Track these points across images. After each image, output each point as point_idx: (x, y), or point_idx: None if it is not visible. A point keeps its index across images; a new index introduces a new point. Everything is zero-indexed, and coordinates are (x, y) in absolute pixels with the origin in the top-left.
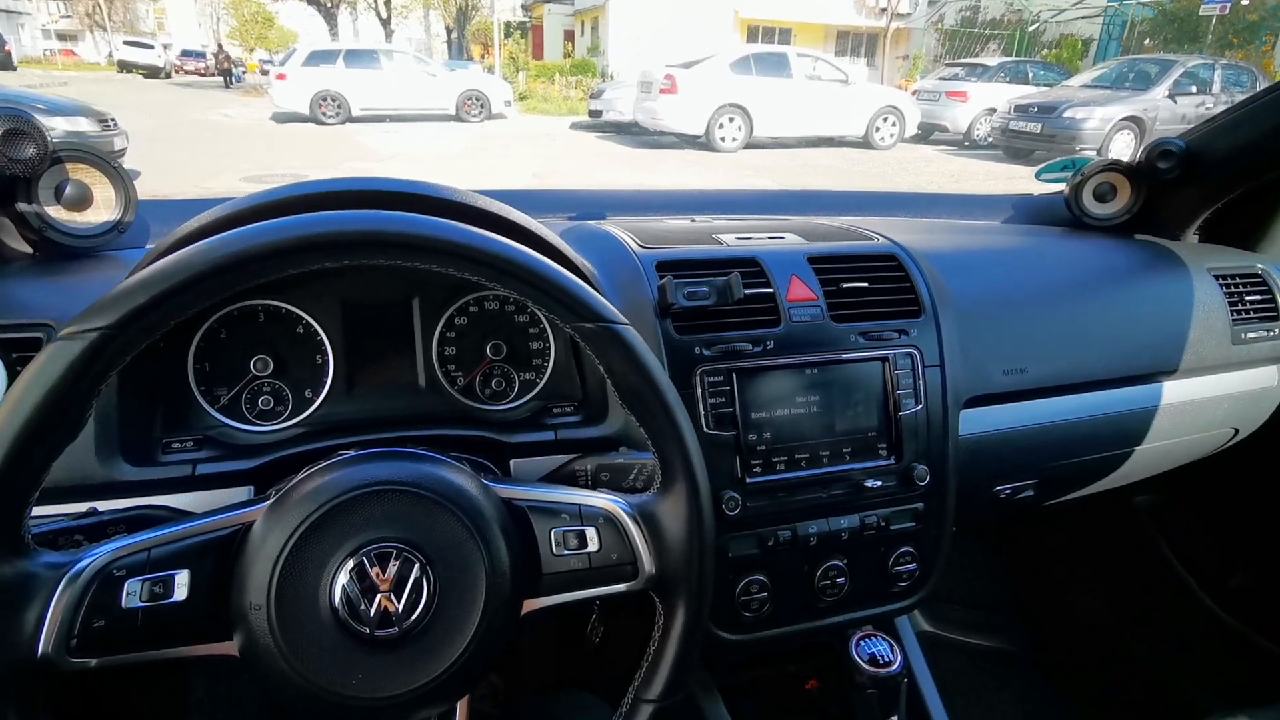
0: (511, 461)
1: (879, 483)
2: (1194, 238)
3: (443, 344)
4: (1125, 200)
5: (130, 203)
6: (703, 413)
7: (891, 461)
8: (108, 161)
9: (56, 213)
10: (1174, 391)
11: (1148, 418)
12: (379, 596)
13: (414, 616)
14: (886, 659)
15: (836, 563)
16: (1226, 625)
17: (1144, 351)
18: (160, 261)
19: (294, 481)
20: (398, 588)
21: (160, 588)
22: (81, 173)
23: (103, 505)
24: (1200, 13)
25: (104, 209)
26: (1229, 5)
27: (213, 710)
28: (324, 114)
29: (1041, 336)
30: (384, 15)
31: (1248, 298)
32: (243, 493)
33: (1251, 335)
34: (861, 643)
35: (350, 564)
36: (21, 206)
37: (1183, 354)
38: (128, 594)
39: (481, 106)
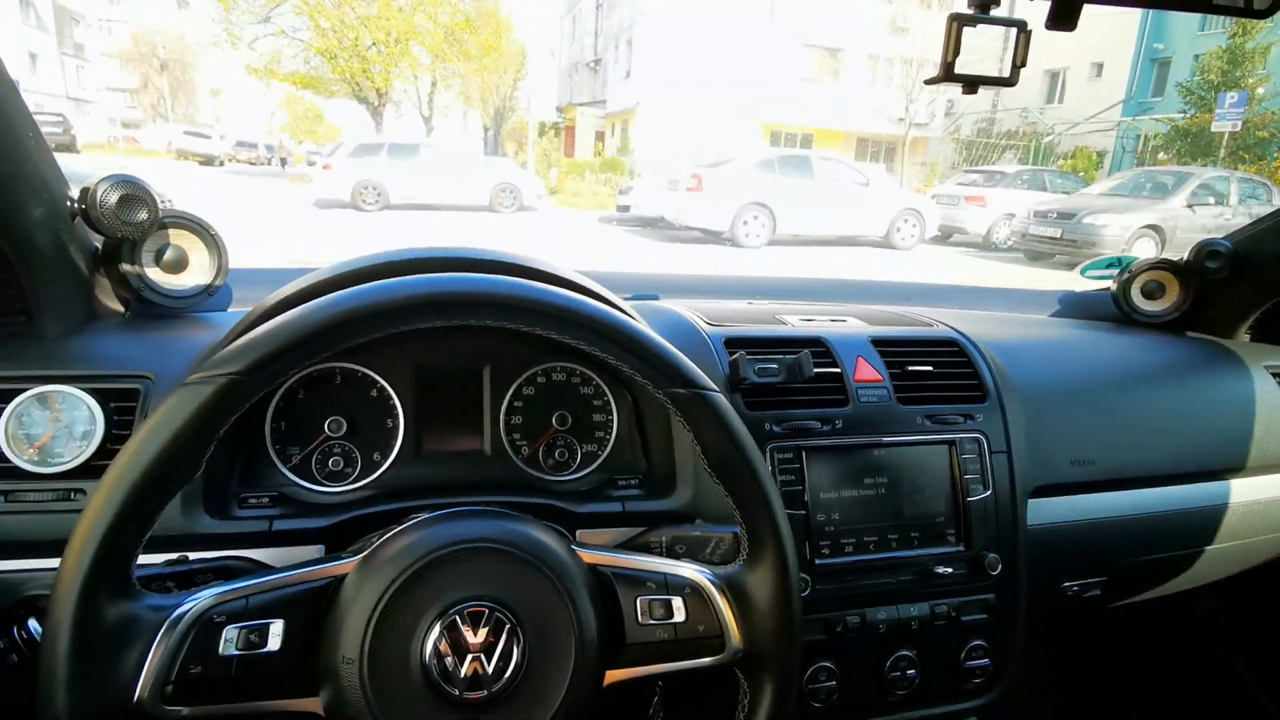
0: (578, 533)
1: (949, 569)
2: (1245, 336)
3: (510, 413)
4: (1174, 298)
5: (222, 268)
6: None
7: (961, 548)
8: (206, 228)
9: (154, 274)
10: (1243, 490)
11: (1217, 516)
12: (470, 658)
13: (503, 680)
14: None
15: (907, 653)
16: None
17: (1211, 447)
18: (284, 316)
19: (385, 537)
20: (488, 649)
21: (256, 636)
22: (181, 237)
23: (190, 555)
24: (1212, 129)
25: (197, 272)
26: (1240, 122)
27: None
28: (364, 201)
29: (1106, 428)
30: (426, 113)
31: None
32: (314, 550)
33: None
34: None
35: (443, 622)
36: (124, 267)
37: (1249, 451)
38: (225, 640)
39: (514, 199)
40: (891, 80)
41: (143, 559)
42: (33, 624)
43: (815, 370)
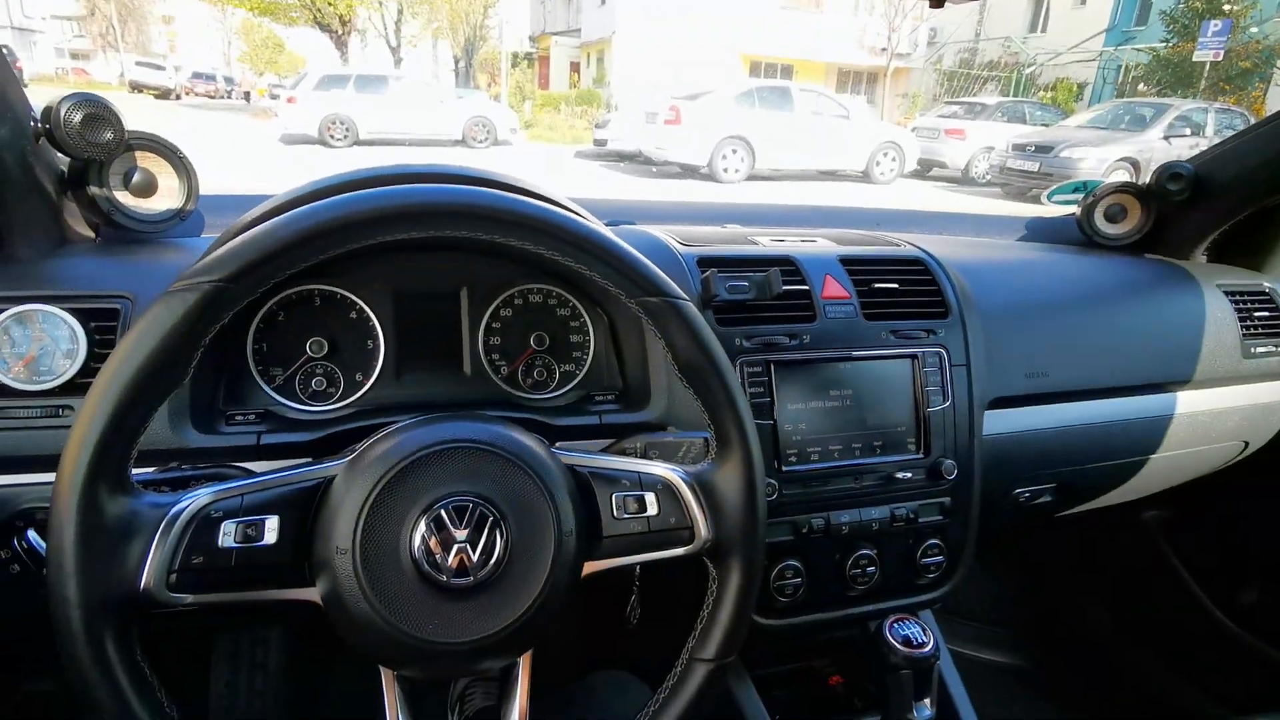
0: (557, 444)
1: (908, 475)
2: (1202, 258)
3: (488, 334)
4: (1135, 221)
5: (193, 192)
6: None
7: (920, 456)
8: (174, 151)
9: (123, 198)
10: (1187, 402)
11: (1161, 426)
12: (455, 548)
13: (487, 568)
14: (920, 640)
15: (867, 552)
16: (1237, 638)
17: (1159, 361)
18: (269, 224)
19: (372, 440)
20: (472, 541)
21: (253, 530)
22: (149, 161)
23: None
24: (1194, 59)
25: (167, 197)
26: (1222, 52)
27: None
28: (332, 136)
29: (1061, 343)
30: (393, 43)
31: (1256, 314)
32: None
33: (1260, 350)
34: (895, 625)
35: (429, 516)
36: (93, 190)
37: (1196, 365)
38: (223, 534)
39: (487, 133)
40: (874, 8)
41: (135, 472)
42: (32, 534)
43: (784, 287)
